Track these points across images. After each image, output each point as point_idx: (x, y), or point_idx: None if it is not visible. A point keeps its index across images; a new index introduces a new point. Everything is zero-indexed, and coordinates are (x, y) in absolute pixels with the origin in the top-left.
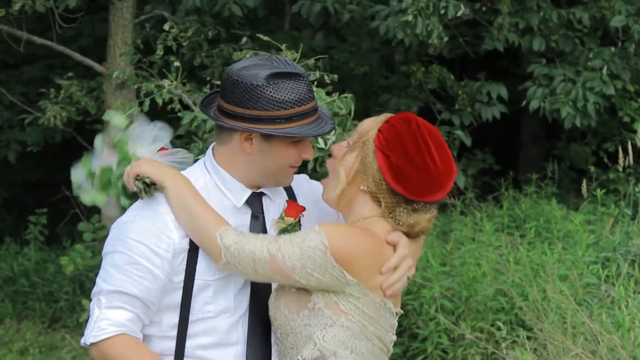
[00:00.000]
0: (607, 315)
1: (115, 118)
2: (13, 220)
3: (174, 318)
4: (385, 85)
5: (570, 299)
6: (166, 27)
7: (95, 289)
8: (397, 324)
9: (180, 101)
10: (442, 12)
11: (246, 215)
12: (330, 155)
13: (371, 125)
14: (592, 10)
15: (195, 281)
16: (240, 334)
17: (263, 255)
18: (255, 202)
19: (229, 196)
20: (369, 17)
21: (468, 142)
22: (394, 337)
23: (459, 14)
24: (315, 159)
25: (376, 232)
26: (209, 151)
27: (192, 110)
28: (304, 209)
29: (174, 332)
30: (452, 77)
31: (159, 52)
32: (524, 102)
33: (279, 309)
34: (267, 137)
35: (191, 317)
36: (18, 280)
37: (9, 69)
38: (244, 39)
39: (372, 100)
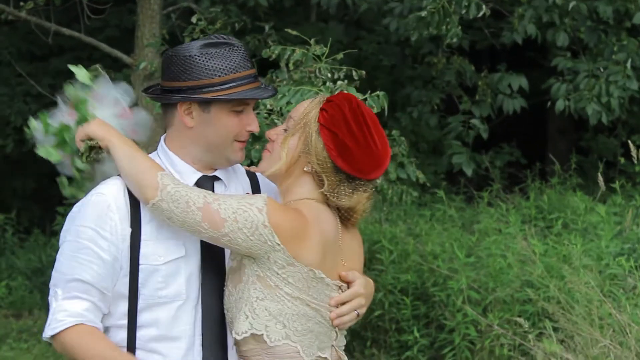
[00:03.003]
0: (633, 306)
1: (80, 73)
2: (41, 211)
3: (123, 306)
4: (412, 76)
5: (597, 290)
6: (194, 19)
7: (51, 282)
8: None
9: None
10: (464, 11)
11: None
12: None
13: (310, 107)
14: (616, 4)
15: (141, 266)
16: (191, 325)
17: (198, 200)
18: (206, 185)
19: (178, 178)
20: (384, 14)
21: (485, 134)
22: None
23: (480, 14)
24: None
25: (304, 213)
26: (161, 139)
27: None
28: None
29: (125, 321)
30: (473, 68)
31: None
32: (549, 103)
33: (226, 288)
34: (205, 106)
35: (141, 304)
36: (46, 272)
37: (36, 60)
38: (267, 28)
39: (398, 92)
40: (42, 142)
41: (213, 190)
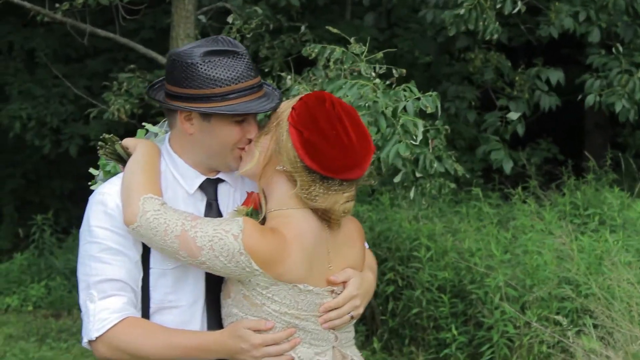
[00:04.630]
0: None
1: (152, 127)
2: (79, 212)
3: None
4: (449, 73)
5: (637, 286)
6: (230, 19)
7: (81, 286)
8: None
9: None
10: (499, 6)
11: (201, 202)
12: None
13: (285, 106)
14: None
15: (151, 269)
16: (198, 327)
17: (176, 228)
18: (209, 188)
19: (181, 183)
20: (418, 5)
21: (521, 130)
22: None
23: (515, 10)
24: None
25: (284, 231)
26: (166, 139)
27: None
28: (258, 196)
29: None
30: (510, 64)
31: None
32: (580, 97)
33: (221, 298)
34: (206, 115)
35: (152, 308)
36: None
37: (72, 62)
38: (302, 28)
39: (434, 88)
40: (98, 180)
41: (216, 193)
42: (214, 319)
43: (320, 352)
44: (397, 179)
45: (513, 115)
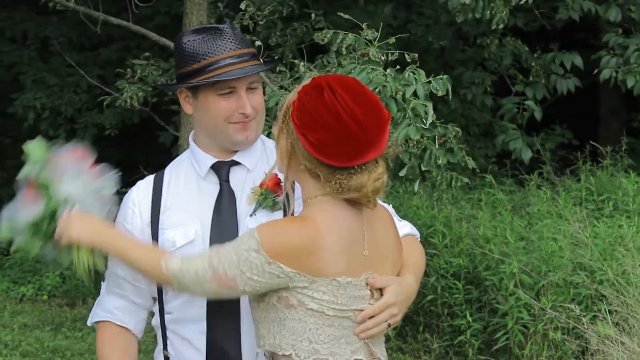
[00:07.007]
0: None
1: (34, 151)
2: None
3: (154, 292)
4: (462, 59)
5: None
6: (242, 6)
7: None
8: (368, 290)
9: None
10: None
11: (215, 185)
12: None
13: (289, 99)
14: None
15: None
16: (200, 311)
17: (206, 273)
18: (222, 169)
19: (195, 166)
20: None
21: (539, 115)
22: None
23: (523, 1)
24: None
25: (313, 219)
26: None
27: (272, 90)
28: (276, 176)
29: (157, 306)
30: (527, 48)
31: None
32: (595, 71)
33: (249, 301)
34: (194, 92)
35: (165, 292)
36: None
37: (86, 51)
38: (313, 16)
39: (447, 74)
40: (17, 234)
41: (228, 175)
42: (216, 310)
43: (355, 349)
44: (402, 173)
45: (531, 104)
